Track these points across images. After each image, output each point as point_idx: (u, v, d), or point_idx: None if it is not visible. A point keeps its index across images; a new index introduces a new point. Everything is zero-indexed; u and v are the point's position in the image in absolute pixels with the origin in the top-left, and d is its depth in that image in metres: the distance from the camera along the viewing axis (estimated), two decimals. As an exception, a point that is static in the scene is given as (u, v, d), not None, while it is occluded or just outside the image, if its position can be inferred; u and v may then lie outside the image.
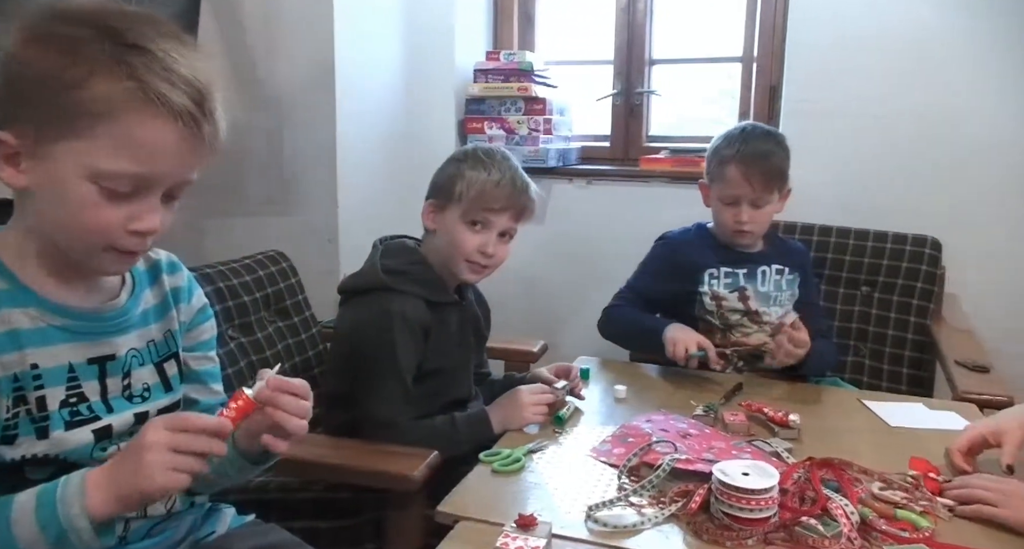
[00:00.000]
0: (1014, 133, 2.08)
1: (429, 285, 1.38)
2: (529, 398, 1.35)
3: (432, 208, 1.42)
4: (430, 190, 1.44)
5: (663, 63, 2.60)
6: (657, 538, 0.99)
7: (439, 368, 1.39)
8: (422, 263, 1.41)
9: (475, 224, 1.38)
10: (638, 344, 1.73)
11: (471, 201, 1.37)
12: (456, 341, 1.44)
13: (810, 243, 2.05)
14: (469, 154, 1.42)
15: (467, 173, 1.38)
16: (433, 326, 1.36)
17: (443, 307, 1.40)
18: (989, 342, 1.98)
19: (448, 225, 1.39)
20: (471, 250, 1.38)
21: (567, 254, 2.50)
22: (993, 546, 0.98)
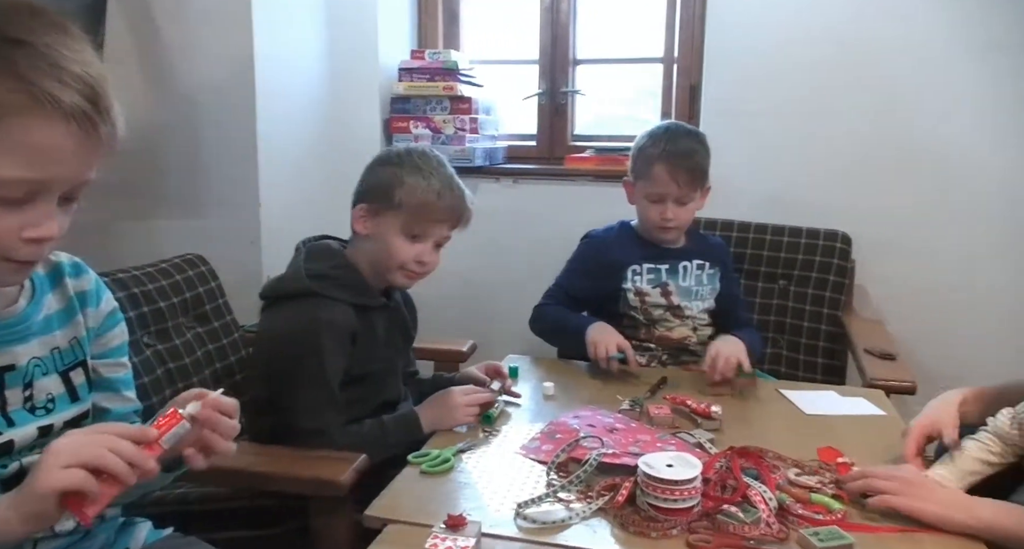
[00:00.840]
0: (921, 133, 2.18)
1: (356, 289, 1.36)
2: (462, 399, 1.35)
3: (365, 213, 1.38)
4: (362, 193, 1.40)
5: (587, 63, 2.64)
6: (585, 532, 1.01)
7: (367, 373, 1.37)
8: (348, 267, 1.38)
9: (414, 236, 1.37)
10: (564, 343, 1.76)
11: (412, 214, 1.35)
12: (384, 344, 1.42)
13: (730, 239, 2.12)
14: (404, 158, 1.39)
15: (406, 181, 1.35)
16: (360, 331, 1.34)
17: (370, 311, 1.38)
18: (895, 331, 2.09)
19: (383, 233, 1.36)
20: (407, 259, 1.37)
21: (495, 253, 2.51)
22: (900, 523, 1.03)
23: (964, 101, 2.14)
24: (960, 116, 2.15)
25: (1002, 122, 2.11)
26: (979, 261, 2.18)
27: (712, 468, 1.10)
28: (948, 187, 2.18)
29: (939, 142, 2.17)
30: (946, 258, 2.21)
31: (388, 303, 1.43)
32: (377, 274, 1.40)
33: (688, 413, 1.38)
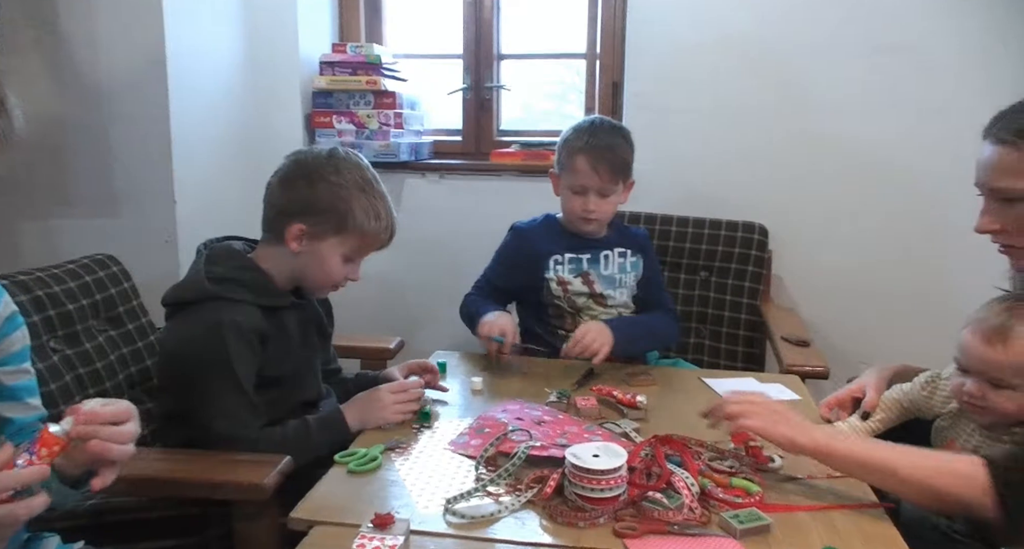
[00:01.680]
0: (835, 127, 2.27)
1: (262, 291, 1.31)
2: (391, 397, 1.34)
3: (302, 234, 1.31)
4: (300, 213, 1.31)
5: (511, 58, 2.65)
6: (514, 525, 1.01)
7: (282, 374, 1.33)
8: (252, 269, 1.33)
9: (351, 259, 1.37)
10: (475, 333, 1.75)
11: (359, 245, 1.35)
12: (298, 343, 1.38)
13: (653, 232, 2.16)
14: (347, 178, 1.32)
15: (357, 212, 1.31)
16: (270, 332, 1.30)
17: (279, 311, 1.34)
18: (809, 318, 2.18)
19: (321, 254, 1.33)
20: (339, 279, 1.38)
21: (421, 249, 2.49)
22: (814, 502, 1.08)
23: (866, 99, 2.24)
24: (863, 114, 2.25)
25: (902, 120, 2.22)
26: (884, 250, 2.29)
27: (637, 456, 1.12)
28: (854, 181, 2.28)
29: (844, 138, 2.27)
30: (854, 248, 2.31)
31: (299, 302, 1.39)
32: (292, 280, 1.37)
33: (614, 404, 1.41)
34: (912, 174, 2.25)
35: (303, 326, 1.40)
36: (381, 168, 2.42)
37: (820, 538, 0.97)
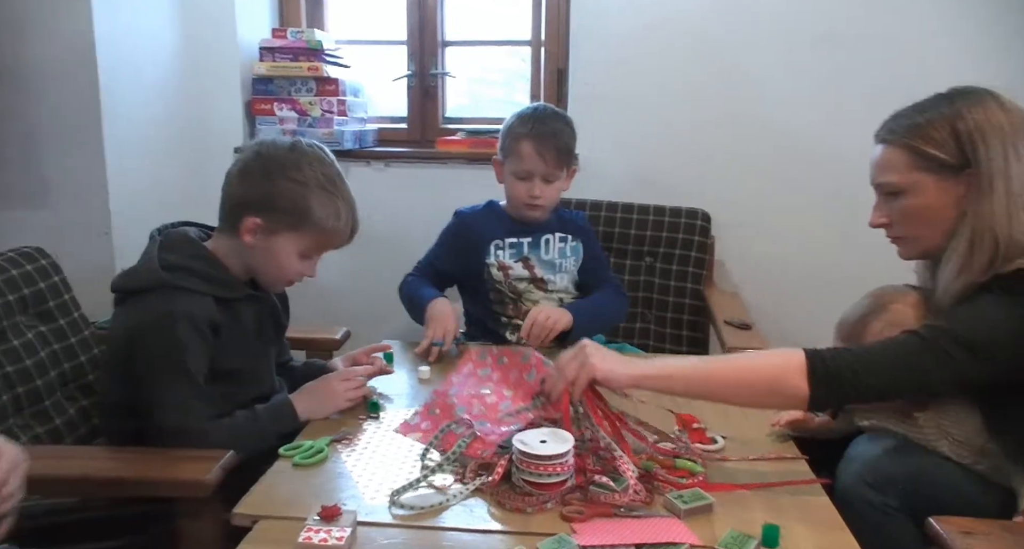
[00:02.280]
0: (776, 114, 2.32)
1: (216, 281, 1.28)
2: (340, 384, 1.33)
3: (257, 228, 1.28)
4: (255, 206, 1.27)
5: (456, 45, 2.63)
6: (462, 513, 1.02)
7: (236, 367, 1.31)
8: (207, 258, 1.30)
9: (307, 256, 1.33)
10: (414, 315, 1.74)
11: (315, 243, 1.32)
12: (253, 336, 1.36)
13: (598, 219, 2.18)
14: (308, 175, 1.28)
15: (316, 209, 1.27)
16: (224, 323, 1.27)
17: (234, 302, 1.31)
18: (751, 302, 2.23)
19: (276, 250, 1.29)
20: (294, 275, 1.35)
21: (366, 238, 2.40)
22: (754, 480, 1.11)
23: (806, 87, 2.29)
24: (804, 101, 2.30)
25: (841, 107, 2.28)
26: (823, 235, 2.36)
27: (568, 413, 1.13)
28: (794, 167, 2.34)
29: (785, 125, 2.32)
30: (794, 233, 2.37)
31: (255, 293, 1.37)
32: (247, 272, 1.34)
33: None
34: (850, 161, 2.28)
35: (259, 318, 1.37)
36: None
37: (761, 515, 1.00)
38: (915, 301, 1.23)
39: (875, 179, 1.26)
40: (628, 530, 0.96)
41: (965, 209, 1.15)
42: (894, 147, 1.21)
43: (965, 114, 1.15)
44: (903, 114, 1.22)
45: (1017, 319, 1.05)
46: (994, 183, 1.12)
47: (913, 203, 1.20)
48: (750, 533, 0.95)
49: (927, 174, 1.17)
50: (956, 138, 1.14)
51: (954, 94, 1.19)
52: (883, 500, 1.16)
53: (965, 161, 1.14)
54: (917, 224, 1.22)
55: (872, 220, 1.27)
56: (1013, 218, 1.10)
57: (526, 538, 0.95)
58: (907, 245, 1.26)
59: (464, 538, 0.97)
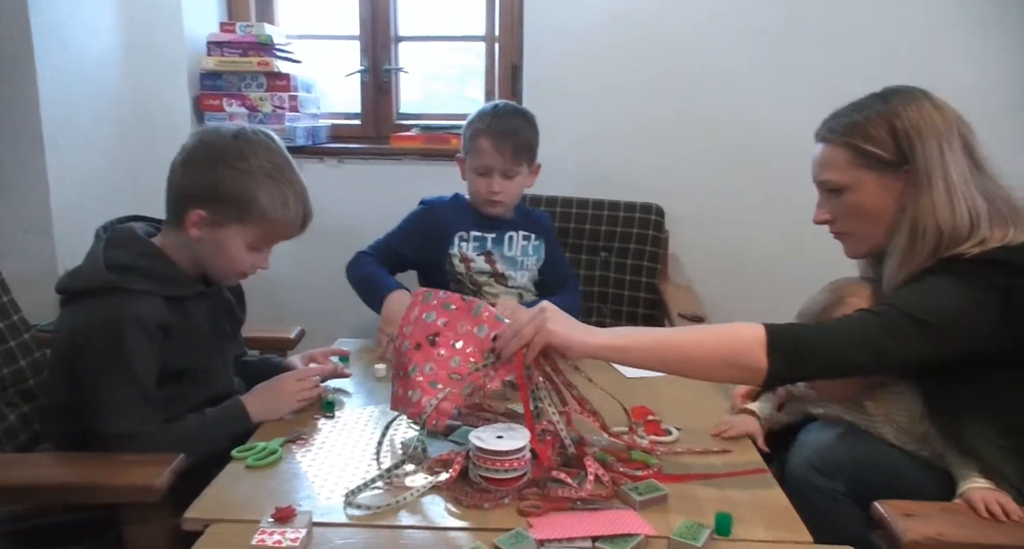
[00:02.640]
0: (730, 109, 2.36)
1: (166, 280, 1.24)
2: (294, 385, 1.31)
3: (202, 221, 1.24)
4: (199, 198, 1.23)
5: (409, 40, 2.60)
6: (419, 512, 1.01)
7: (190, 367, 1.27)
8: (155, 255, 1.26)
9: (257, 248, 1.29)
10: (366, 299, 1.72)
11: (264, 233, 1.27)
12: (207, 334, 1.32)
13: (554, 214, 2.19)
14: (253, 164, 1.23)
15: (262, 198, 1.22)
16: (175, 323, 1.24)
17: (186, 301, 1.28)
18: (704, 295, 2.27)
19: (223, 243, 1.25)
20: (245, 268, 1.31)
21: (321, 235, 2.38)
22: (707, 471, 1.13)
23: (758, 83, 2.33)
24: (755, 94, 2.34)
25: (791, 100, 2.32)
26: (774, 228, 2.40)
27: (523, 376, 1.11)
28: (746, 160, 2.38)
29: (736, 119, 2.35)
30: (746, 226, 2.41)
31: (206, 290, 1.33)
32: (198, 267, 1.30)
33: (510, 382, 1.42)
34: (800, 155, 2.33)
35: (213, 316, 1.34)
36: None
37: (713, 505, 1.02)
38: (869, 293, 1.26)
39: (817, 177, 1.29)
40: (584, 523, 0.96)
41: (904, 205, 1.18)
42: (834, 146, 1.24)
43: (901, 112, 1.18)
44: (841, 113, 1.26)
45: (962, 299, 1.08)
46: (932, 178, 1.15)
47: (854, 200, 1.23)
48: (704, 522, 0.96)
49: (867, 171, 1.21)
50: (894, 136, 1.18)
51: (889, 93, 1.23)
52: (831, 486, 1.19)
53: (903, 158, 1.18)
54: (859, 220, 1.25)
55: (815, 217, 1.31)
56: (955, 211, 1.14)
57: (483, 534, 0.95)
58: (850, 242, 1.30)
59: (421, 536, 0.97)
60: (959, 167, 1.16)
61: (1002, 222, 1.14)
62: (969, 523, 1.00)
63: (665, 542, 0.94)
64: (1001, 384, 1.09)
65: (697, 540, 0.92)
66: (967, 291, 1.08)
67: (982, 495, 1.04)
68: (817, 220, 1.31)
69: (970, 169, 1.17)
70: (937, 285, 1.11)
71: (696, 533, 0.94)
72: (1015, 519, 1.00)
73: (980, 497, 1.04)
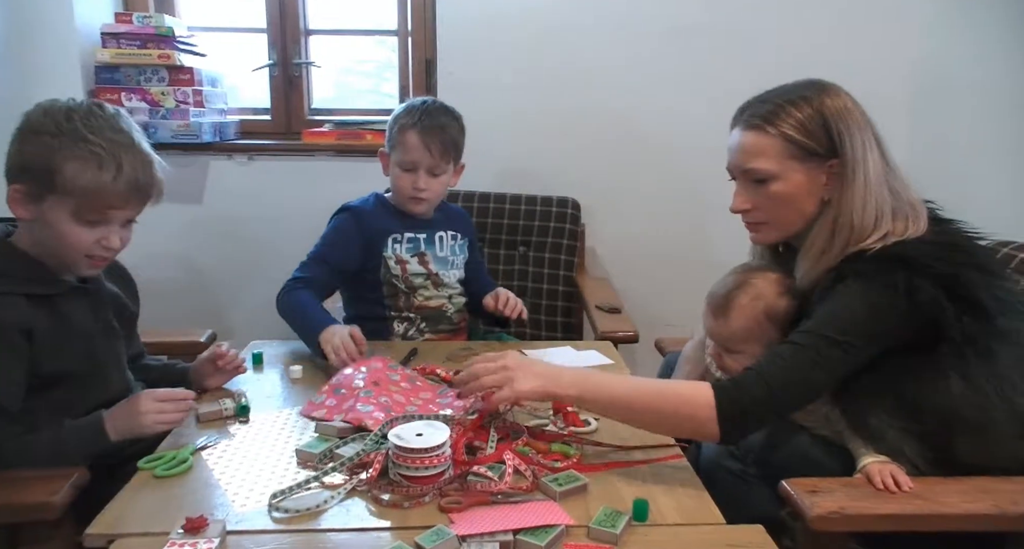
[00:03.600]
0: (639, 104, 2.41)
1: (25, 277, 1.16)
2: (150, 406, 1.17)
3: (20, 196, 1.15)
4: (11, 171, 1.15)
5: (319, 33, 2.55)
6: (339, 513, 0.99)
7: (68, 371, 1.18)
8: (12, 254, 1.17)
9: (91, 221, 1.17)
10: (300, 334, 1.61)
11: (83, 202, 1.14)
12: (91, 333, 1.23)
13: (471, 209, 2.19)
14: (63, 126, 1.13)
15: (66, 163, 1.11)
16: (42, 325, 1.15)
17: (56, 299, 1.19)
18: (621, 287, 2.32)
19: (51, 219, 1.15)
20: (88, 247, 1.17)
21: (231, 234, 2.36)
22: (625, 459, 1.15)
23: (666, 79, 2.40)
24: (662, 90, 2.40)
25: (697, 97, 2.40)
26: (684, 219, 2.48)
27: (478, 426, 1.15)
28: (656, 154, 2.44)
29: (646, 113, 2.41)
30: (658, 218, 2.48)
31: (82, 286, 1.24)
32: (58, 260, 1.20)
33: (438, 382, 1.42)
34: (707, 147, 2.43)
35: (96, 312, 1.25)
36: (181, 150, 2.27)
37: (631, 492, 1.04)
38: (775, 278, 1.30)
39: (743, 165, 1.25)
40: (505, 516, 0.97)
41: (827, 197, 1.20)
42: (764, 134, 1.21)
43: (829, 104, 1.19)
44: (769, 100, 1.23)
45: (872, 305, 1.11)
46: (856, 171, 1.17)
47: (780, 190, 1.22)
48: (622, 509, 0.98)
49: (797, 162, 1.20)
50: (826, 128, 1.19)
51: (813, 85, 1.23)
52: (742, 468, 1.23)
53: (832, 151, 1.19)
54: (780, 210, 1.24)
55: (735, 205, 1.28)
56: (867, 205, 1.17)
57: (405, 533, 0.94)
58: (765, 230, 1.29)
59: (341, 538, 0.95)
60: (876, 163, 1.19)
61: (903, 217, 1.17)
62: (868, 496, 1.05)
63: (585, 530, 0.95)
64: (898, 371, 1.14)
65: (615, 527, 0.94)
66: (876, 296, 1.10)
67: (878, 469, 1.10)
68: (736, 209, 1.28)
69: (883, 165, 1.20)
70: (848, 297, 1.12)
71: (615, 520, 0.96)
72: (905, 490, 1.07)
73: (876, 471, 1.10)
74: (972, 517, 1.01)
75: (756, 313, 1.27)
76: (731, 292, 1.30)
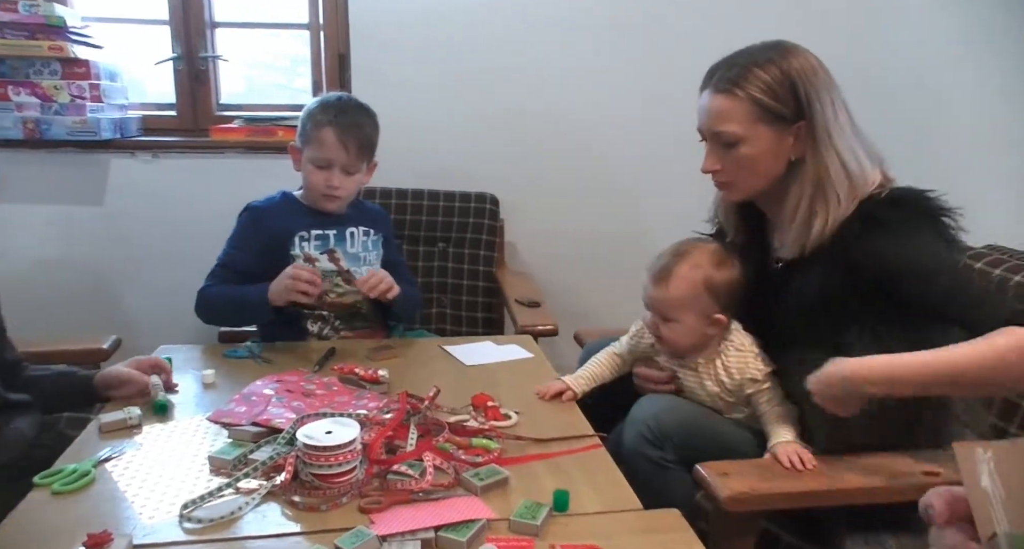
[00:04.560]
0: (555, 99, 2.43)
1: None
2: None
3: None
4: None
5: (226, 26, 2.46)
6: (256, 520, 0.97)
7: None
8: None
9: None
10: (244, 316, 1.66)
11: None
12: None
13: (389, 206, 2.17)
14: None
15: None
16: None
17: None
18: (541, 281, 2.34)
19: None
20: None
21: (136, 236, 2.26)
22: (544, 450, 1.16)
23: (582, 75, 2.42)
24: (582, 87, 2.43)
25: (613, 94, 2.44)
26: (601, 214, 2.52)
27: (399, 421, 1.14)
28: (573, 150, 2.47)
29: (562, 111, 2.44)
30: (575, 213, 2.51)
31: None
32: None
33: (357, 381, 1.40)
34: (620, 142, 2.49)
35: None
36: (78, 148, 2.16)
37: (551, 483, 1.05)
38: (715, 249, 1.35)
39: (712, 127, 1.27)
40: (427, 514, 0.96)
41: (794, 157, 1.24)
42: (733, 98, 1.23)
43: (796, 67, 1.23)
44: (736, 64, 1.25)
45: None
46: (831, 132, 1.22)
47: (748, 152, 1.24)
48: (542, 501, 0.99)
49: (765, 126, 1.23)
50: (794, 93, 1.22)
51: (779, 45, 1.26)
52: (661, 455, 1.26)
53: (799, 114, 1.22)
54: (748, 171, 1.28)
55: (704, 166, 1.30)
56: (852, 159, 1.21)
57: (324, 536, 0.93)
58: (732, 190, 1.33)
59: (258, 545, 0.92)
60: (844, 120, 1.24)
61: (880, 164, 1.24)
62: (776, 476, 1.10)
63: (507, 524, 0.95)
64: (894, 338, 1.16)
65: (536, 519, 0.95)
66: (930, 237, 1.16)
67: (784, 449, 1.15)
68: (706, 169, 1.30)
69: (849, 120, 1.25)
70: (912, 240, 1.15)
71: (535, 512, 0.96)
72: (809, 468, 1.12)
73: (783, 451, 1.15)
74: (868, 490, 1.07)
75: (695, 282, 1.31)
76: (672, 261, 1.33)
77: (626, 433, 1.31)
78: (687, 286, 1.31)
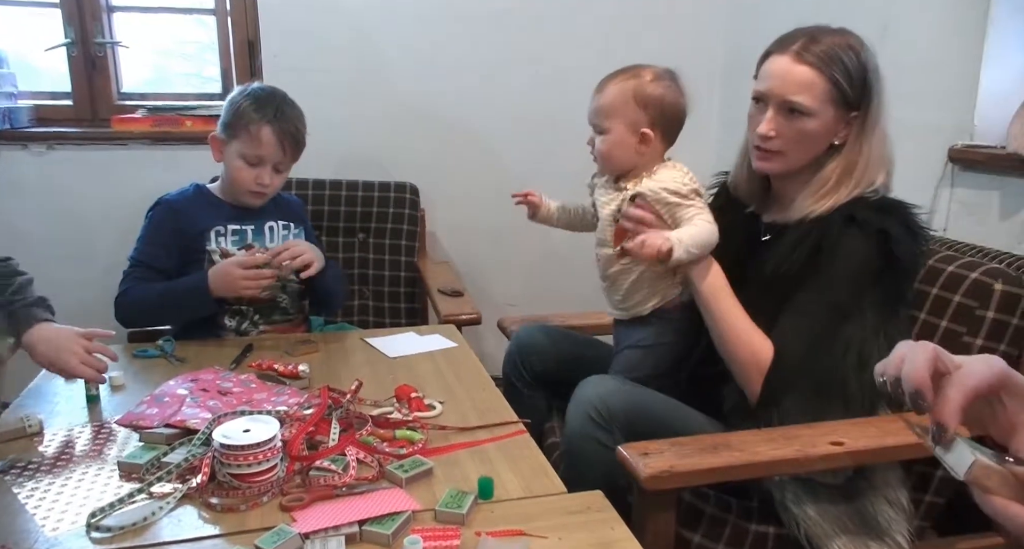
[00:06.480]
0: (471, 87, 2.42)
1: None
2: None
3: None
4: None
5: (124, 10, 2.34)
6: (171, 525, 0.93)
7: None
8: None
9: None
10: (180, 311, 1.60)
11: None
12: None
13: (306, 197, 2.12)
14: None
15: None
16: None
17: None
18: (462, 270, 2.34)
19: None
20: None
21: (28, 233, 2.13)
22: (469, 439, 1.16)
23: (489, 63, 2.42)
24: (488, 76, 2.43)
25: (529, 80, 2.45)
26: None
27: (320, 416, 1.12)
28: (488, 140, 2.47)
29: (478, 100, 2.44)
30: (491, 201, 2.49)
31: None
32: None
33: (276, 377, 1.36)
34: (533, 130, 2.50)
35: None
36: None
37: (476, 471, 1.06)
38: (659, 71, 1.38)
39: (787, 95, 1.25)
40: (350, 508, 0.95)
41: (837, 142, 1.27)
42: (815, 71, 1.24)
43: (871, 63, 1.26)
44: (820, 40, 1.25)
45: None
46: (877, 125, 1.27)
47: (812, 127, 1.26)
48: (468, 489, 0.99)
49: (832, 106, 1.26)
50: (864, 82, 1.25)
51: (854, 35, 1.27)
52: (608, 436, 1.26)
53: (858, 103, 1.26)
54: (804, 145, 1.29)
55: (763, 129, 1.28)
56: (880, 157, 1.27)
57: (244, 537, 0.90)
58: (777, 159, 1.31)
59: (174, 551, 0.89)
60: (884, 120, 1.28)
61: (885, 168, 1.29)
62: (694, 453, 1.13)
63: (432, 514, 0.95)
64: None
65: (462, 507, 0.95)
66: None
67: (656, 235, 1.26)
68: (764, 132, 1.29)
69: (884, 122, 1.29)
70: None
71: (460, 501, 0.96)
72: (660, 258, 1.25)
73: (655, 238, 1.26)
74: (781, 462, 1.12)
75: (624, 90, 1.36)
76: (614, 74, 1.39)
77: (572, 412, 1.29)
78: (617, 92, 1.36)
